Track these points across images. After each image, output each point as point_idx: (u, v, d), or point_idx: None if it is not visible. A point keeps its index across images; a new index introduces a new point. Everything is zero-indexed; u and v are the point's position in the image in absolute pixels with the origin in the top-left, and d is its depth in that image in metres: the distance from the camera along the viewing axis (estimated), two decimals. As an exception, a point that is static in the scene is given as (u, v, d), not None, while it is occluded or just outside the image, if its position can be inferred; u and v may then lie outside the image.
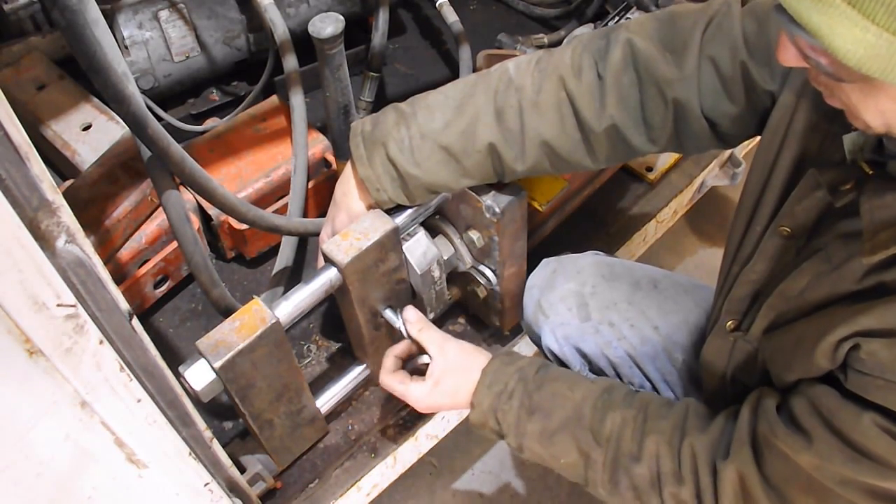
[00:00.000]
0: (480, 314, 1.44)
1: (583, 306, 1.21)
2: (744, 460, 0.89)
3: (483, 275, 1.29)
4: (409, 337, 1.15)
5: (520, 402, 1.03)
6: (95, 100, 1.62)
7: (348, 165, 1.11)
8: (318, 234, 1.26)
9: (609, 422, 0.99)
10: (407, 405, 1.37)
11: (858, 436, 0.78)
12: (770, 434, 0.87)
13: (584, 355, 1.23)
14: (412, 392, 1.11)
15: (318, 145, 1.57)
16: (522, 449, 1.06)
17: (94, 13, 0.96)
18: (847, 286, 0.79)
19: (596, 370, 1.24)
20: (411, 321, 1.15)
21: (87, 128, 1.58)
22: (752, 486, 0.88)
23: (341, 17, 1.27)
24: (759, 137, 0.98)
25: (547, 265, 1.29)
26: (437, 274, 1.25)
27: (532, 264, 1.32)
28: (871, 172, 0.76)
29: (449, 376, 1.08)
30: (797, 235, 0.87)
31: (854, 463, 0.79)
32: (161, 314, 1.53)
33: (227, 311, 1.26)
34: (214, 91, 1.85)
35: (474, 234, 1.23)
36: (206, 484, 0.99)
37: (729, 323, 0.98)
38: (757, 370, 0.98)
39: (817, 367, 0.82)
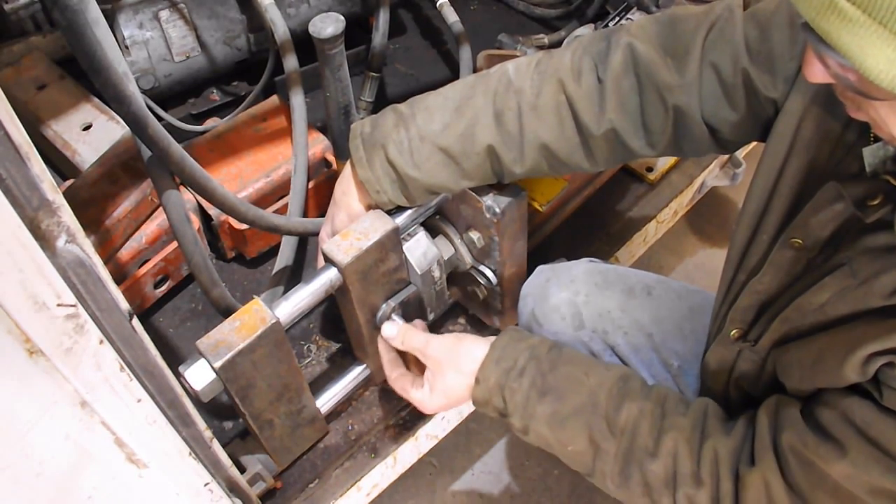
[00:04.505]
0: (480, 314, 1.44)
1: (576, 315, 1.20)
2: (769, 468, 0.87)
3: (483, 275, 1.29)
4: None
5: (531, 382, 1.00)
6: (96, 100, 1.62)
7: (348, 165, 1.11)
8: (318, 234, 1.26)
9: (625, 412, 0.96)
10: (408, 404, 1.39)
11: None
12: (799, 443, 0.85)
13: None
14: (415, 399, 1.12)
15: (319, 145, 1.57)
16: (528, 431, 1.02)
17: (94, 13, 0.96)
18: (875, 301, 0.77)
19: None
20: (393, 337, 1.14)
21: (87, 128, 1.58)
22: (776, 494, 0.87)
23: (342, 17, 1.27)
24: (759, 142, 0.98)
25: (541, 273, 1.27)
26: (437, 274, 1.25)
27: (532, 264, 1.32)
28: None
29: (440, 380, 1.08)
30: (809, 248, 0.86)
31: (892, 473, 0.79)
32: (161, 314, 1.53)
33: (227, 311, 1.26)
34: (215, 91, 1.85)
35: (474, 235, 1.23)
36: (206, 484, 0.99)
37: (734, 332, 0.97)
38: (762, 380, 0.97)
39: (844, 379, 0.81)
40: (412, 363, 1.20)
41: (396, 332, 1.14)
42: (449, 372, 1.06)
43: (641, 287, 1.23)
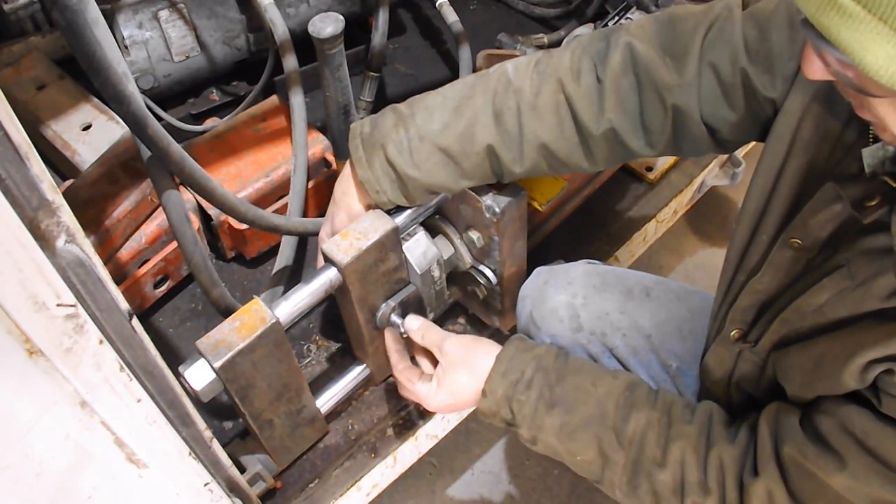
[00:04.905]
0: (480, 314, 1.44)
1: (574, 318, 1.20)
2: (772, 477, 0.88)
3: (483, 275, 1.29)
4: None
5: (538, 394, 1.01)
6: (95, 100, 1.62)
7: (348, 165, 1.11)
8: (317, 234, 1.26)
9: (633, 422, 0.97)
10: (408, 404, 1.39)
11: None
12: (798, 455, 0.85)
13: None
14: (420, 393, 1.12)
15: (318, 145, 1.57)
16: (536, 441, 1.03)
17: (94, 13, 0.96)
18: (872, 304, 0.77)
19: None
20: (414, 330, 1.15)
21: (87, 128, 1.58)
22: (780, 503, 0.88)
23: (341, 17, 1.27)
24: (758, 142, 0.98)
25: (539, 275, 1.27)
26: (437, 274, 1.25)
27: (532, 264, 1.32)
28: None
29: (450, 376, 1.08)
30: (808, 248, 0.86)
31: (892, 485, 0.79)
32: (161, 314, 1.53)
33: (227, 311, 1.26)
34: (214, 91, 1.85)
35: (474, 234, 1.23)
36: (206, 484, 0.99)
37: (734, 332, 0.97)
38: (763, 381, 0.97)
39: (844, 386, 0.80)
40: (417, 357, 1.20)
41: (418, 325, 1.15)
42: (461, 370, 1.07)
43: (640, 288, 1.22)
